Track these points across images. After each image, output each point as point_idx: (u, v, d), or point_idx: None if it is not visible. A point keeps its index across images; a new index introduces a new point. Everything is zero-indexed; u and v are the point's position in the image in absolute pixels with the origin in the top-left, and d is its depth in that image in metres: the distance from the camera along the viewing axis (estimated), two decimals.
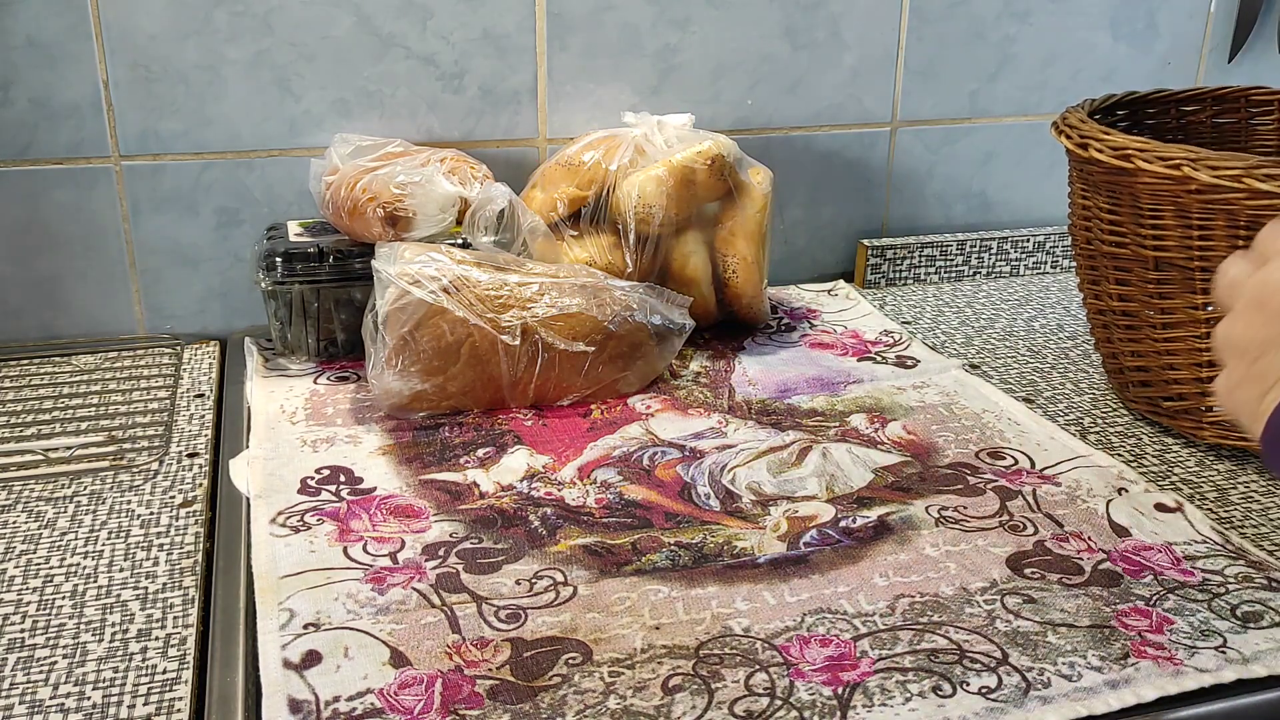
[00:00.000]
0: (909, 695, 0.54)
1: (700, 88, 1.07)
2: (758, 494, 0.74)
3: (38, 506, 0.72)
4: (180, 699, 0.54)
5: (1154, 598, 0.63)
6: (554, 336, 0.84)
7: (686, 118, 0.98)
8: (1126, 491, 0.74)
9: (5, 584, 0.64)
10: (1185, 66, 1.24)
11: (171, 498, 0.73)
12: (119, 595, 0.63)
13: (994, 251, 1.18)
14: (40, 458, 0.78)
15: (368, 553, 0.66)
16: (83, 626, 0.60)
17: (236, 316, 1.01)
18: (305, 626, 0.59)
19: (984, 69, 1.16)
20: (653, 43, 1.05)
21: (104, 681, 0.56)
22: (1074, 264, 0.90)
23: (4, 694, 0.55)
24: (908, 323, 1.06)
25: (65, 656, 0.57)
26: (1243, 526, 0.71)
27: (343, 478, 0.75)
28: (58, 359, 0.95)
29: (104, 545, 0.67)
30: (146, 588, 0.63)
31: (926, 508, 0.72)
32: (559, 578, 0.64)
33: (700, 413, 0.85)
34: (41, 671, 0.56)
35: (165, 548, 0.67)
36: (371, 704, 0.53)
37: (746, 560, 0.66)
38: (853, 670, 0.56)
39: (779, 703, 0.54)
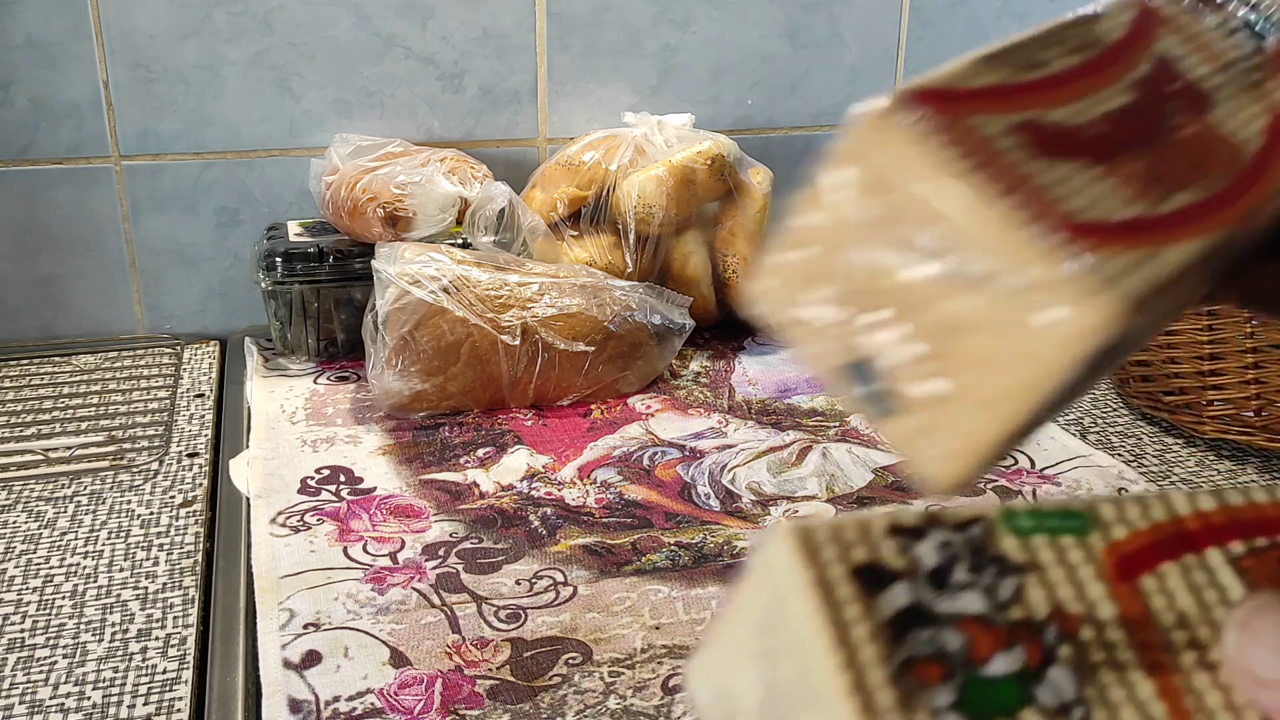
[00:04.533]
0: None
1: (700, 88, 1.07)
2: (758, 494, 0.74)
3: (38, 506, 0.72)
4: (180, 699, 0.54)
5: None
6: (554, 336, 0.84)
7: (686, 118, 0.98)
8: (1126, 491, 0.74)
9: (5, 584, 0.64)
10: None
11: (171, 498, 0.73)
12: (119, 595, 0.63)
13: None
14: (40, 458, 0.77)
15: (367, 553, 0.66)
16: (83, 626, 0.60)
17: (236, 316, 1.01)
18: (305, 626, 0.59)
19: None
20: (653, 42, 1.05)
21: (104, 681, 0.56)
22: None
23: (4, 694, 0.55)
24: None
25: (65, 656, 0.57)
26: None
27: (343, 478, 0.75)
28: (58, 359, 0.94)
29: (104, 545, 0.67)
30: (146, 588, 0.63)
31: (927, 507, 0.72)
32: (559, 578, 0.64)
33: (700, 413, 0.85)
34: (41, 671, 0.56)
35: (165, 548, 0.67)
36: (371, 704, 0.53)
37: (747, 560, 0.66)
38: None
39: None
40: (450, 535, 0.68)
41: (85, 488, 0.74)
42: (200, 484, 0.75)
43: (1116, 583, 0.24)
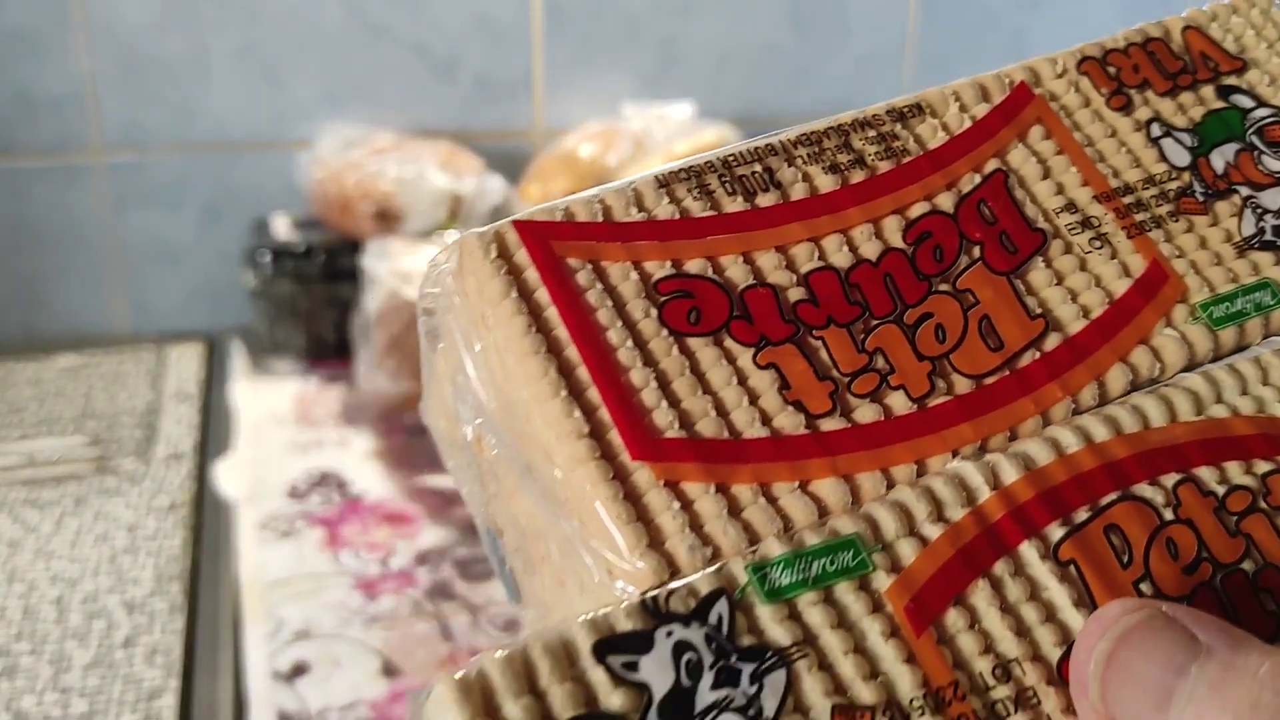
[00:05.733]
0: None
1: (702, 77, 1.06)
2: None
3: (20, 510, 0.70)
4: (166, 708, 0.54)
5: None
6: None
7: (688, 108, 0.97)
8: None
9: None
10: None
11: (157, 502, 0.72)
12: (104, 602, 0.61)
13: None
14: (22, 461, 0.76)
15: (358, 559, 0.65)
16: (67, 634, 0.59)
17: (223, 315, 1.00)
18: (294, 635, 0.58)
19: (995, 60, 1.14)
20: (653, 30, 1.03)
21: (89, 690, 0.55)
22: None
23: None
24: None
25: (50, 664, 0.56)
26: None
27: (332, 482, 0.74)
28: (40, 359, 0.93)
29: (88, 551, 0.66)
30: (132, 594, 0.62)
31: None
32: None
33: None
34: (25, 680, 0.55)
35: (150, 553, 0.66)
36: (363, 715, 0.52)
37: None
38: None
39: None
40: (443, 542, 0.67)
41: (68, 492, 0.73)
42: (186, 488, 0.74)
43: (914, 636, 0.18)
